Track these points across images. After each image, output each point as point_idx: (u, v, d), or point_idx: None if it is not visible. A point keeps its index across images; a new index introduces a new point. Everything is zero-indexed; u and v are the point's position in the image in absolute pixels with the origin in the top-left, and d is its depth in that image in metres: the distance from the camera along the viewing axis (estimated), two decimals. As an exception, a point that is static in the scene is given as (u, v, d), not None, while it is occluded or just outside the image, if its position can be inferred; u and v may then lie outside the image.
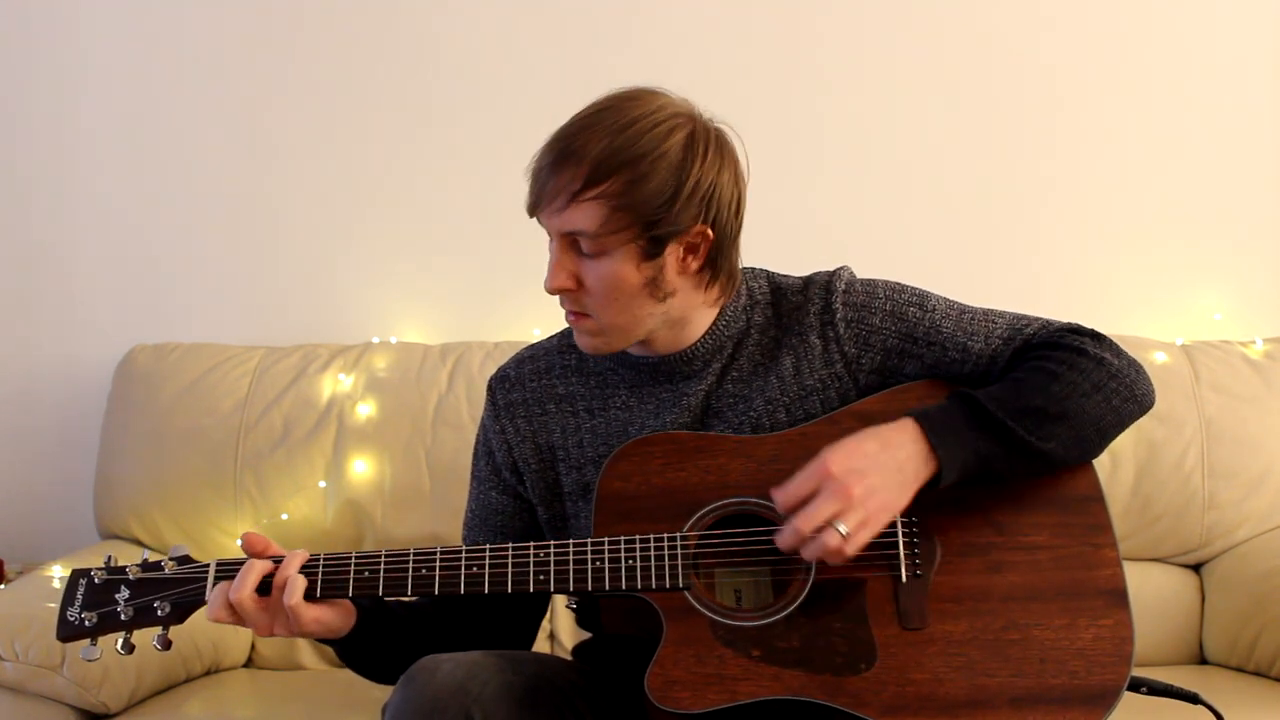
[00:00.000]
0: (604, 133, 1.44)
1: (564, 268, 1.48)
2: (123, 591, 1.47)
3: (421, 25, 2.67)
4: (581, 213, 1.44)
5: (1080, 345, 1.50)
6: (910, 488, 1.41)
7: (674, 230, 1.46)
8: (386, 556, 1.46)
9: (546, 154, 1.47)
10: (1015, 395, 1.45)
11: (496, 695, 1.36)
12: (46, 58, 2.69)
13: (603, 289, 1.48)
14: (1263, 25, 2.63)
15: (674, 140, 1.46)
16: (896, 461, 1.40)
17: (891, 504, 1.39)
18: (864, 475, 1.38)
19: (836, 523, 1.36)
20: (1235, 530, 2.30)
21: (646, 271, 1.48)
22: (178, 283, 2.69)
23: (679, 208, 1.45)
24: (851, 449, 1.40)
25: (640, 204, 1.44)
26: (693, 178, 1.46)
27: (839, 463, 1.38)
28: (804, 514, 1.37)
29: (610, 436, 1.59)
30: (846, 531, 1.36)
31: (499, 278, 2.62)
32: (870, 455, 1.39)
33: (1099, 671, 1.39)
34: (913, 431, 1.42)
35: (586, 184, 1.43)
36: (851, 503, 1.36)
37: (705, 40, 2.65)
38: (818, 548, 1.37)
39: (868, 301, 1.57)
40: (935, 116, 2.65)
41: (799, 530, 1.37)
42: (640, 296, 1.49)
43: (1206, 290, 2.62)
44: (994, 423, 1.43)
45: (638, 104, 1.48)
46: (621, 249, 1.46)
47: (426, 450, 2.37)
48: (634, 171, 1.43)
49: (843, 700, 1.38)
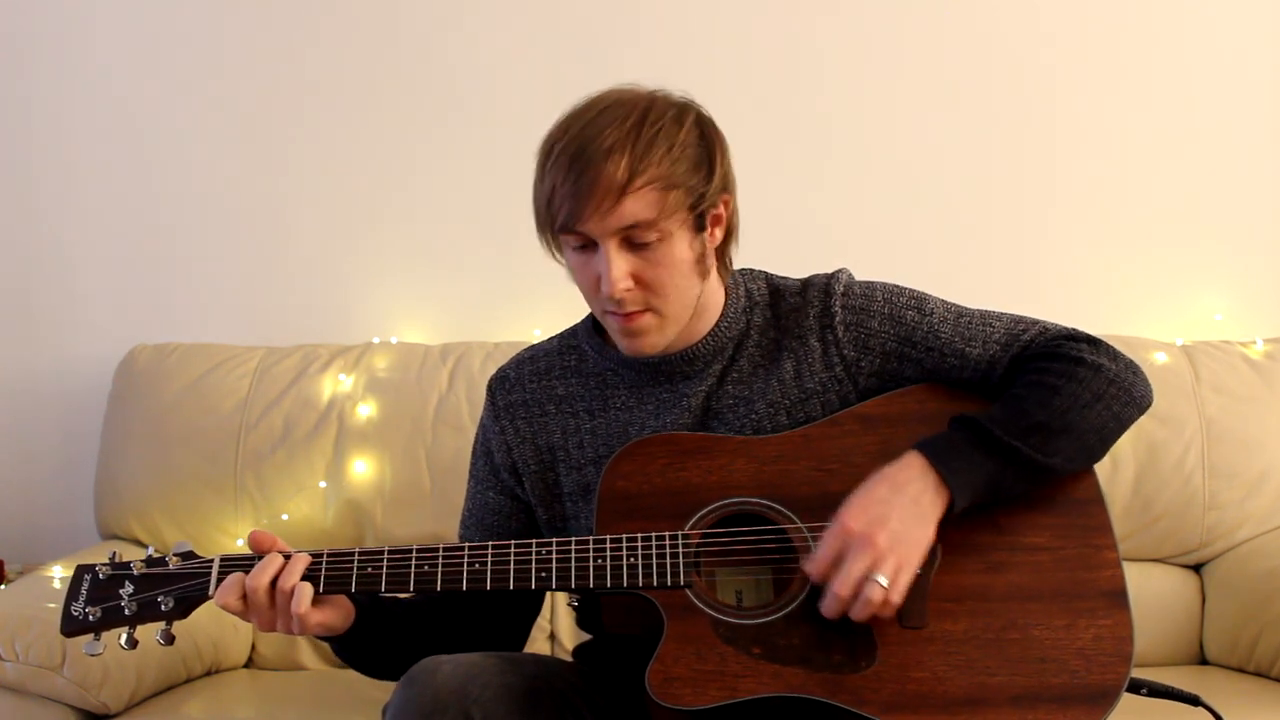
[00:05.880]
0: (627, 127, 1.44)
1: (622, 268, 1.46)
2: (127, 587, 1.47)
3: (422, 25, 2.67)
4: (637, 203, 1.43)
5: (1078, 354, 1.51)
6: (930, 521, 1.41)
7: (711, 203, 1.49)
8: (389, 553, 1.46)
9: (569, 167, 1.43)
10: (1018, 414, 1.46)
11: (497, 696, 1.36)
12: (48, 58, 2.69)
13: (665, 275, 1.47)
14: (1263, 25, 2.63)
15: (688, 120, 1.48)
16: (911, 498, 1.40)
17: (918, 541, 1.40)
18: (885, 522, 1.38)
19: (874, 575, 1.36)
20: (1236, 531, 2.30)
21: (696, 248, 1.50)
22: (178, 283, 2.69)
23: (715, 181, 1.48)
24: (864, 501, 1.41)
25: (684, 181, 1.45)
26: (716, 151, 1.49)
27: (856, 517, 1.39)
28: (838, 579, 1.37)
29: (610, 437, 1.59)
30: (886, 582, 1.36)
31: (499, 278, 2.62)
32: (885, 501, 1.40)
33: (1099, 671, 1.39)
34: (920, 465, 1.43)
35: (634, 174, 1.42)
36: (880, 552, 1.37)
37: (707, 41, 2.65)
38: (864, 607, 1.37)
39: (866, 305, 1.57)
40: (935, 117, 2.65)
41: (840, 596, 1.37)
42: (693, 275, 1.51)
43: (1207, 290, 2.62)
44: (1000, 445, 1.44)
45: (638, 97, 1.48)
46: (678, 230, 1.46)
47: (427, 450, 2.37)
48: (670, 153, 1.44)
49: (843, 698, 1.38)
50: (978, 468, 1.43)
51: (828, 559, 1.39)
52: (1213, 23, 2.63)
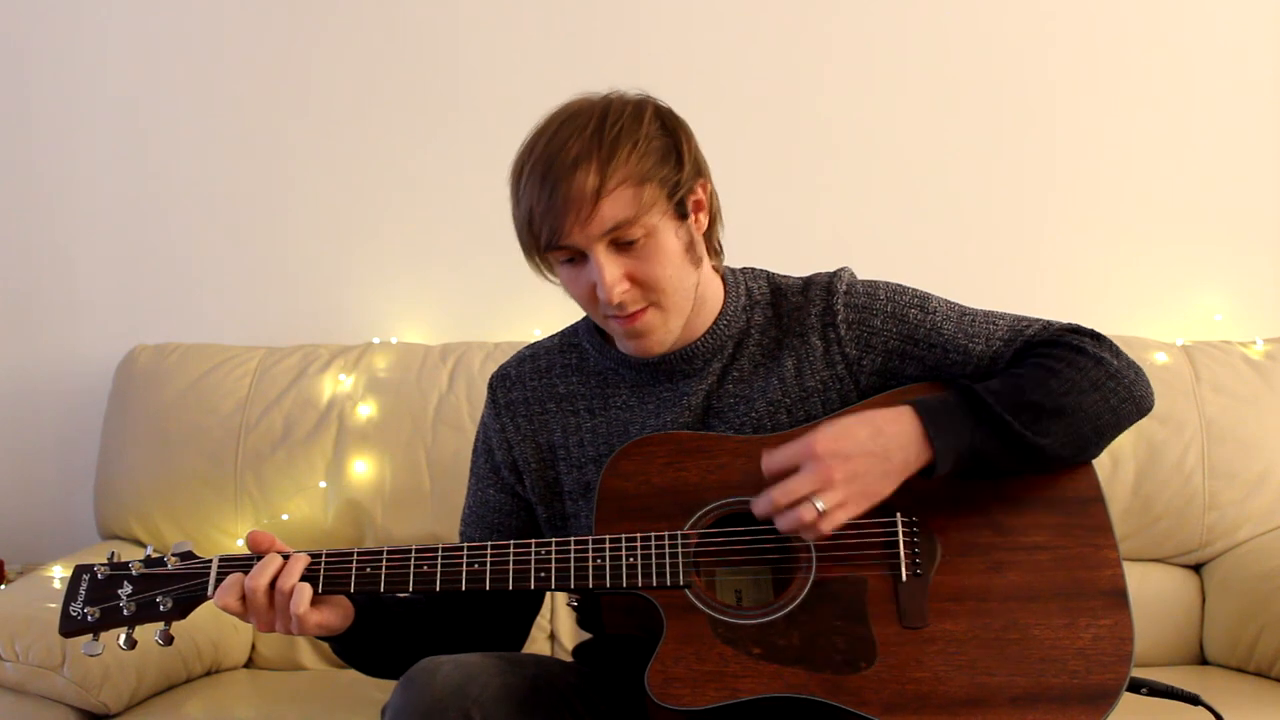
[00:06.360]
0: (585, 135, 1.45)
1: (614, 271, 1.47)
2: (125, 587, 1.47)
3: (422, 26, 2.67)
4: (613, 204, 1.44)
5: (1080, 344, 1.51)
6: (896, 477, 1.40)
7: (688, 189, 1.50)
8: (388, 553, 1.47)
9: (540, 186, 1.45)
10: (1014, 390, 1.45)
11: (496, 696, 1.36)
12: (48, 58, 2.69)
13: (658, 269, 1.48)
14: (1263, 25, 2.63)
15: (647, 114, 1.49)
16: (885, 449, 1.40)
17: (872, 491, 1.39)
18: (849, 459, 1.38)
19: (814, 499, 1.36)
20: (1236, 531, 2.30)
21: (683, 236, 1.51)
22: (178, 283, 2.69)
23: (685, 167, 1.49)
24: (841, 431, 1.40)
25: (655, 173, 1.46)
26: (681, 139, 1.50)
27: (825, 444, 1.38)
28: (781, 486, 1.37)
29: (611, 436, 1.60)
30: (824, 508, 1.36)
31: (499, 278, 2.60)
32: (859, 440, 1.39)
33: (1099, 671, 1.39)
34: (909, 420, 1.42)
35: (605, 178, 1.43)
36: (832, 484, 1.36)
37: (709, 42, 2.65)
38: (793, 519, 1.37)
39: (869, 303, 1.57)
40: (937, 117, 2.65)
41: (775, 501, 1.37)
42: (685, 265, 1.52)
43: (1207, 290, 2.62)
44: (992, 416, 1.43)
45: (589, 103, 1.50)
46: (661, 220, 1.47)
47: (427, 450, 2.37)
48: (635, 149, 1.45)
49: (843, 698, 1.38)
50: (965, 435, 1.42)
51: (782, 465, 1.39)
52: (1213, 23, 2.63)
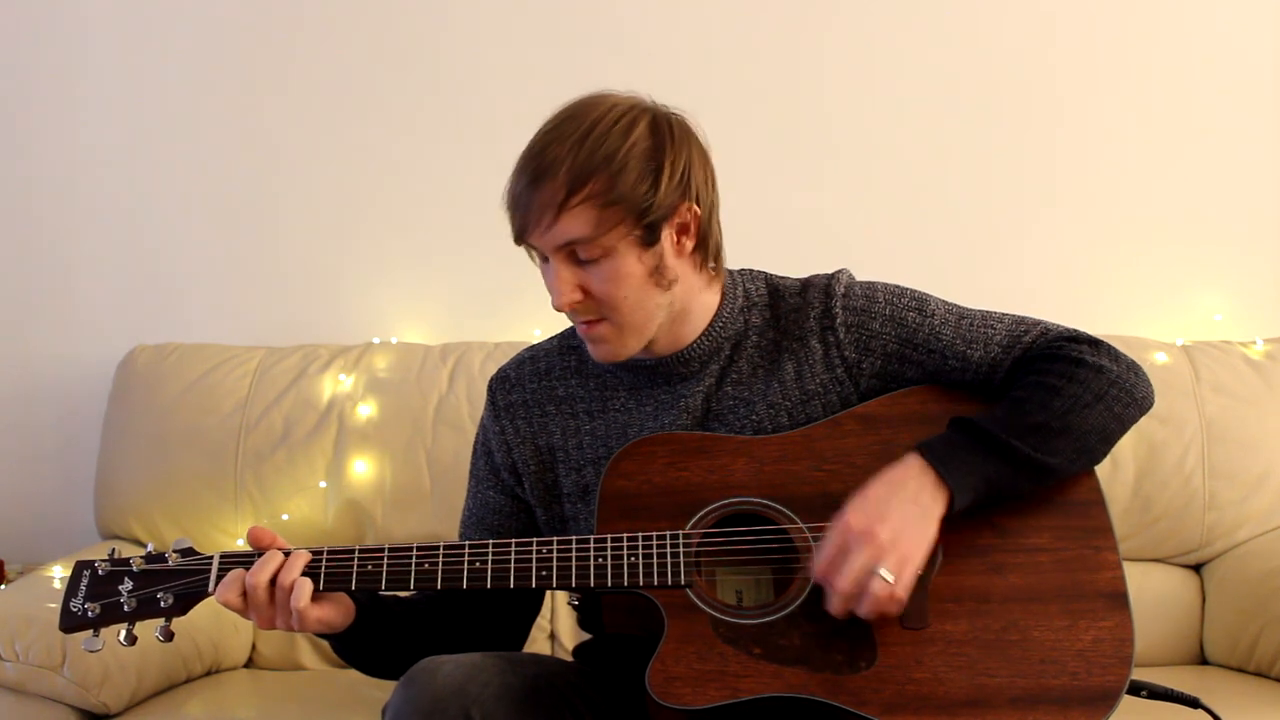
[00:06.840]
0: (570, 141, 1.45)
1: (567, 281, 1.48)
2: (126, 583, 1.47)
3: (422, 26, 2.67)
4: (572, 221, 1.44)
5: (1079, 355, 1.51)
6: (932, 518, 1.41)
7: (664, 214, 1.48)
8: (390, 551, 1.47)
9: (520, 179, 1.47)
10: (1018, 414, 1.46)
11: (496, 696, 1.36)
12: (47, 58, 2.69)
13: (612, 289, 1.48)
14: (1263, 26, 2.63)
15: (639, 130, 1.47)
16: (910, 496, 1.41)
17: (921, 537, 1.40)
18: (885, 518, 1.38)
19: (877, 569, 1.36)
20: (1236, 531, 2.31)
21: (649, 261, 1.49)
22: (178, 283, 2.69)
23: (663, 191, 1.46)
24: (863, 500, 1.41)
25: (626, 196, 1.44)
26: (668, 159, 1.47)
27: (856, 518, 1.39)
28: (840, 576, 1.37)
29: (610, 438, 1.60)
30: (890, 577, 1.36)
31: (499, 278, 2.61)
32: (883, 499, 1.40)
33: (1099, 673, 1.39)
34: (918, 465, 1.43)
35: (570, 192, 1.44)
36: (882, 547, 1.37)
37: (709, 42, 2.65)
38: (869, 602, 1.37)
39: (868, 306, 1.57)
40: (937, 118, 2.65)
41: (843, 592, 1.37)
42: (648, 287, 1.50)
43: (1207, 291, 2.62)
44: (999, 444, 1.44)
45: (594, 107, 1.49)
46: (620, 244, 1.46)
47: (427, 450, 2.37)
48: (610, 167, 1.44)
49: (843, 698, 1.38)
50: (977, 467, 1.43)
51: (830, 557, 1.39)
52: (1213, 24, 2.63)
